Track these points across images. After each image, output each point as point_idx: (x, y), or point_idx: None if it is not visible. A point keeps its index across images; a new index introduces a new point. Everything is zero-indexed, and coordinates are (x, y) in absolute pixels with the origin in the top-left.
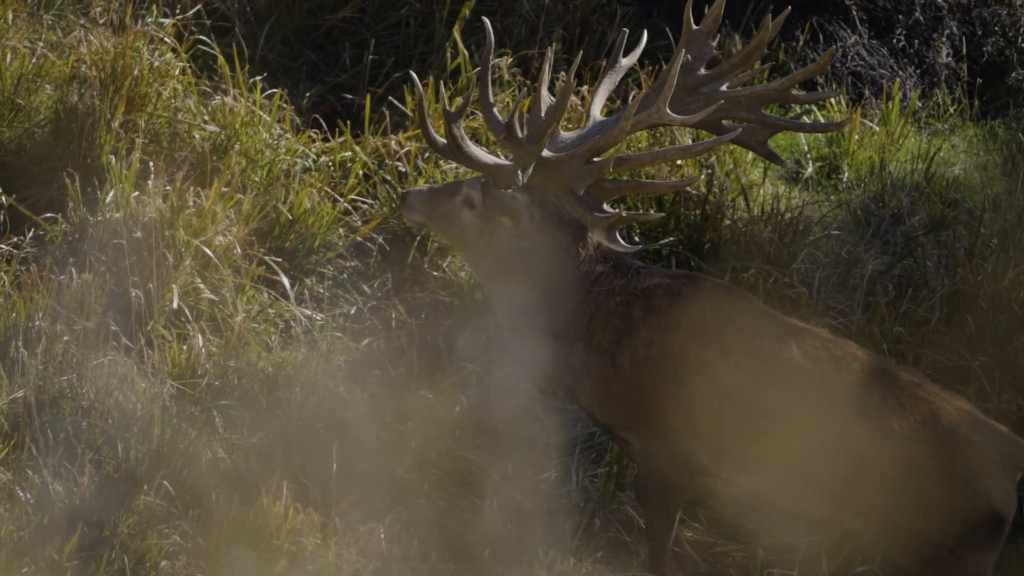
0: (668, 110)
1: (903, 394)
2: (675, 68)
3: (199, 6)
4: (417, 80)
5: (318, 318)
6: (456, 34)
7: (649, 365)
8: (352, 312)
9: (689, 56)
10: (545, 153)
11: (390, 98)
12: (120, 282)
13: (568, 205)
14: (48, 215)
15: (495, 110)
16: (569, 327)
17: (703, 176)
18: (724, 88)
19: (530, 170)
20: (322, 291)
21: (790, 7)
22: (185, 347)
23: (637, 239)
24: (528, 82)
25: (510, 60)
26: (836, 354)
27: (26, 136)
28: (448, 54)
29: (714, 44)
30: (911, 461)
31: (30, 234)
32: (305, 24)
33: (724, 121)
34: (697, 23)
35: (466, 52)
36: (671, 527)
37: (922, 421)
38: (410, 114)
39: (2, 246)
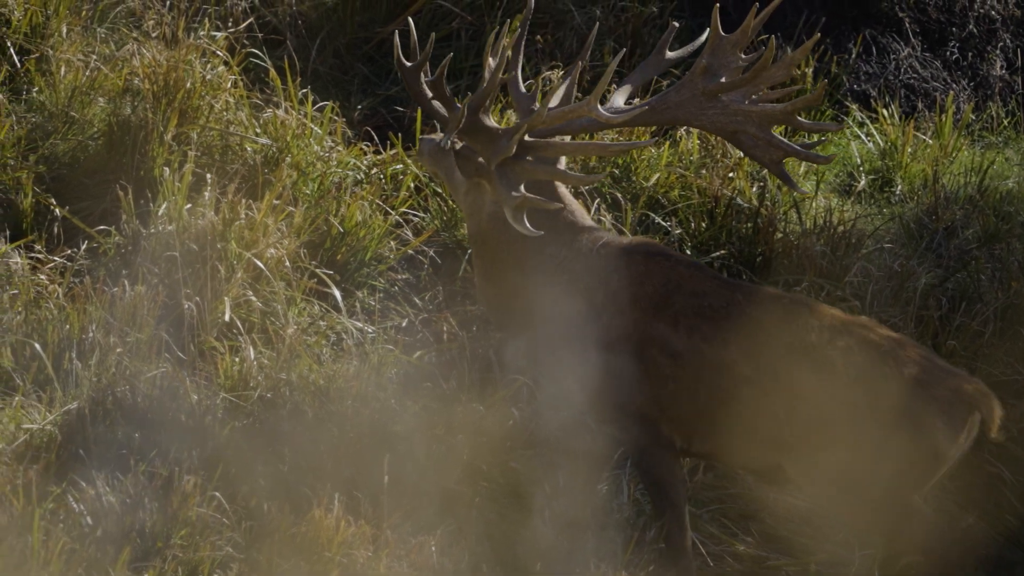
0: (598, 105)
1: (852, 337)
2: (611, 66)
3: (251, 19)
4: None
5: (369, 331)
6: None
7: (613, 349)
8: (403, 325)
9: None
10: (487, 122)
11: None
12: (172, 294)
13: (490, 178)
14: (101, 227)
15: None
16: (535, 309)
17: (755, 189)
18: (746, 101)
19: (453, 134)
20: (373, 304)
21: (818, 33)
22: (237, 359)
23: (688, 251)
24: (579, 95)
25: (561, 72)
26: (785, 303)
27: (80, 149)
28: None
29: (743, 56)
30: (854, 400)
31: (84, 246)
32: (356, 37)
33: (739, 134)
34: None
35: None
36: (684, 524)
37: (868, 361)
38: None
39: (56, 258)
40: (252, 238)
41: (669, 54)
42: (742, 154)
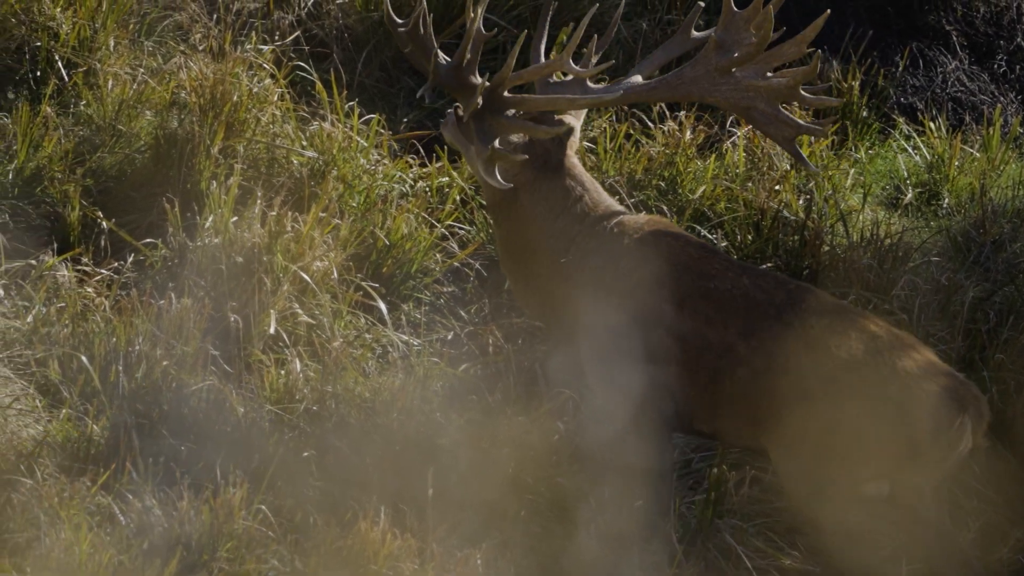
0: (569, 60)
1: (852, 325)
2: (584, 22)
3: (298, 33)
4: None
5: (415, 343)
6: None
7: (621, 329)
8: (449, 338)
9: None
10: (471, 79)
11: None
12: (219, 307)
13: (467, 128)
14: (148, 240)
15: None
16: (546, 285)
17: (801, 201)
18: (758, 78)
19: (429, 87)
20: (419, 316)
21: (829, 11)
22: (283, 372)
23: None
24: (625, 107)
25: (607, 83)
26: (790, 288)
27: (127, 162)
28: None
29: (756, 32)
30: (844, 385)
31: (130, 259)
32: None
33: (751, 110)
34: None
35: (563, 76)
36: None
37: (863, 348)
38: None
39: (103, 271)
40: (298, 251)
41: (695, 34)
42: (787, 161)
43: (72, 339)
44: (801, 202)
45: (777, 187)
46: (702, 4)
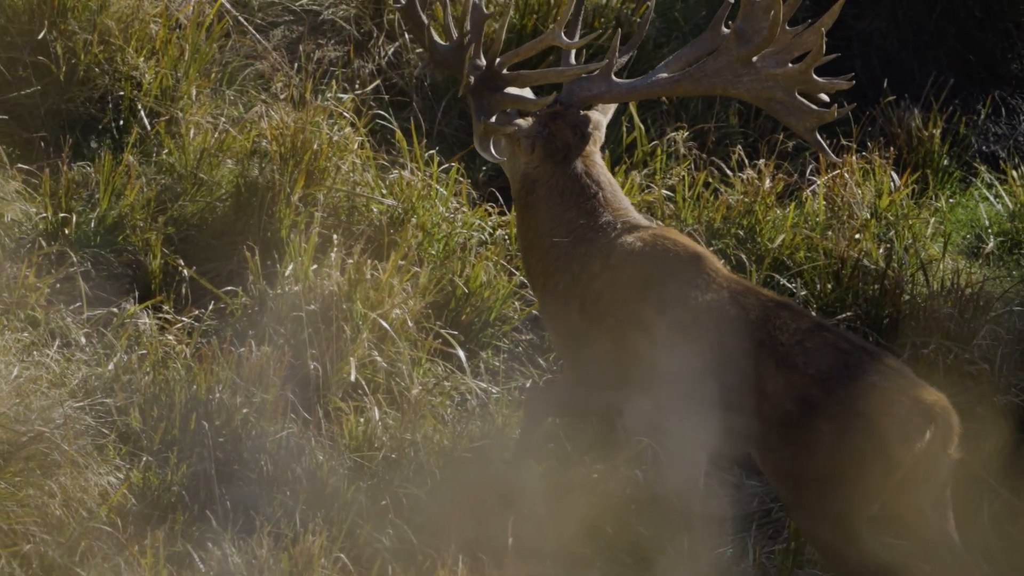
0: (562, 34)
1: (821, 339)
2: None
3: (378, 81)
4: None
5: (494, 391)
6: (632, 108)
7: (595, 318)
8: (527, 385)
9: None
10: (476, 59)
11: None
12: (298, 354)
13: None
14: (229, 288)
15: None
16: (543, 265)
17: (882, 250)
18: (776, 68)
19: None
20: (497, 364)
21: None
22: (362, 420)
23: (814, 313)
24: (704, 155)
25: (686, 134)
26: (768, 304)
27: (208, 210)
28: (624, 128)
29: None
30: (810, 399)
31: (211, 307)
32: None
33: (772, 101)
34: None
35: (642, 126)
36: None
37: (831, 362)
38: None
39: (184, 319)
40: (377, 299)
41: (724, 30)
42: (868, 209)
43: (153, 387)
44: (881, 251)
45: (857, 236)
46: (731, 0)
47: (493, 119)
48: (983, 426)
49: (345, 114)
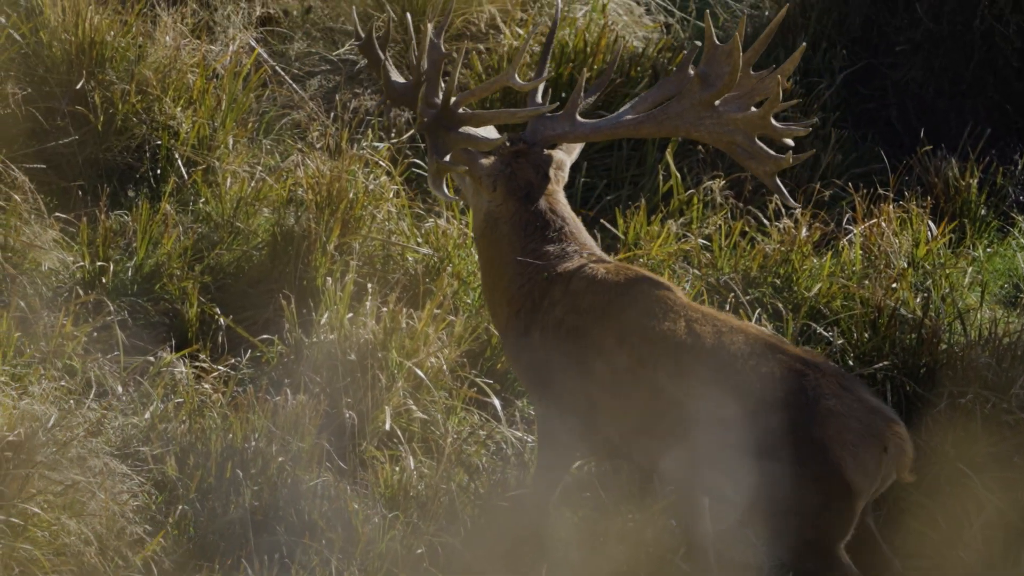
0: (516, 75)
1: (777, 365)
2: (521, 49)
3: (413, 130)
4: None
5: (528, 440)
6: (668, 157)
7: (556, 343)
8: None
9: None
10: (432, 97)
11: (602, 220)
12: (334, 403)
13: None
14: (265, 336)
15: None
16: (507, 296)
17: (919, 300)
18: (739, 112)
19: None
20: (532, 413)
21: (804, 44)
22: (397, 468)
23: (850, 362)
24: (740, 204)
25: (722, 183)
26: (722, 330)
27: (244, 259)
28: (660, 177)
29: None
30: (768, 427)
31: (247, 355)
32: None
33: (734, 145)
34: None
35: (678, 175)
36: (554, 484)
37: (787, 389)
38: (622, 236)
39: (220, 367)
40: (413, 347)
41: (691, 71)
42: (904, 258)
43: (189, 435)
44: (918, 300)
45: (894, 285)
46: (698, 44)
47: (447, 158)
48: (1021, 476)
49: (381, 163)
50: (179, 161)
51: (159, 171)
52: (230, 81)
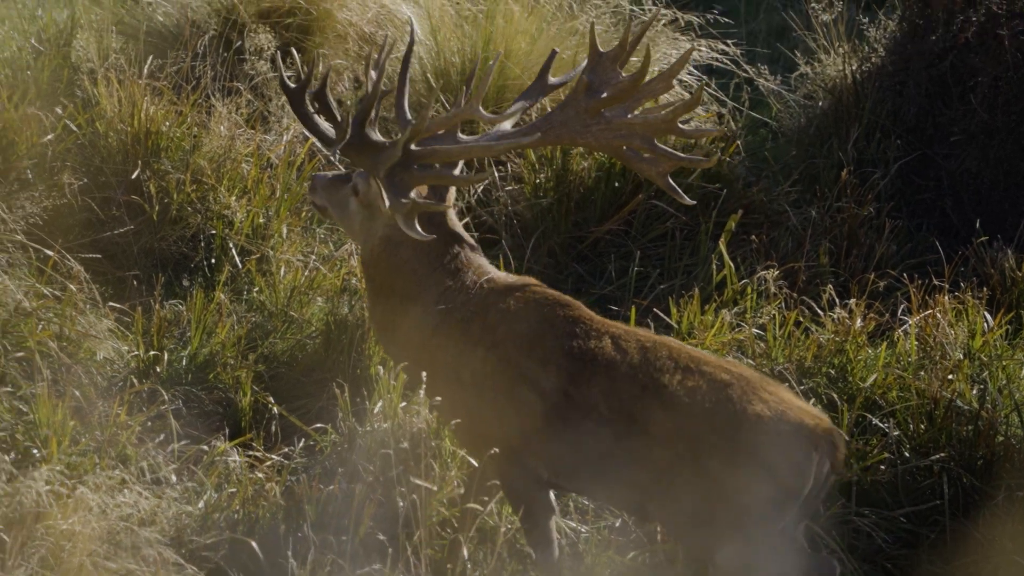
0: (479, 107)
1: (702, 376)
2: (480, 76)
3: (467, 219)
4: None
5: (582, 530)
6: (722, 246)
7: (486, 381)
8: (616, 524)
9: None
10: (373, 136)
11: (655, 309)
12: (387, 492)
13: (377, 186)
14: (318, 425)
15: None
16: (415, 335)
17: (975, 391)
18: (628, 116)
19: (338, 146)
20: (586, 503)
21: (691, 47)
22: (450, 558)
23: (907, 454)
24: (794, 294)
25: (776, 272)
26: (646, 345)
27: (298, 347)
28: (713, 266)
29: (622, 72)
30: (697, 437)
31: (300, 444)
32: (571, 236)
33: (625, 148)
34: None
35: (731, 264)
36: (550, 537)
37: (715, 399)
38: (675, 325)
39: (273, 456)
40: None
41: (551, 80)
42: (960, 350)
43: (243, 525)
44: (975, 392)
45: (950, 376)
46: (556, 51)
47: (413, 195)
48: None
49: None
50: (233, 250)
51: (213, 260)
52: (284, 170)
